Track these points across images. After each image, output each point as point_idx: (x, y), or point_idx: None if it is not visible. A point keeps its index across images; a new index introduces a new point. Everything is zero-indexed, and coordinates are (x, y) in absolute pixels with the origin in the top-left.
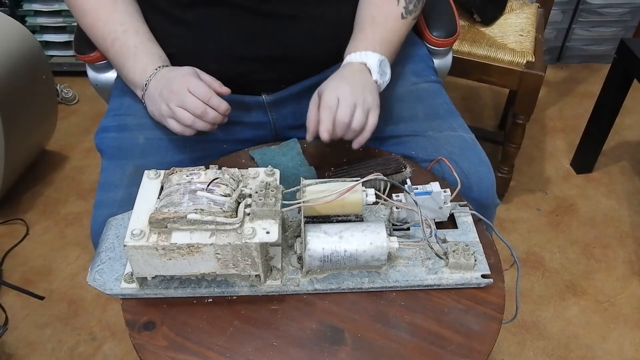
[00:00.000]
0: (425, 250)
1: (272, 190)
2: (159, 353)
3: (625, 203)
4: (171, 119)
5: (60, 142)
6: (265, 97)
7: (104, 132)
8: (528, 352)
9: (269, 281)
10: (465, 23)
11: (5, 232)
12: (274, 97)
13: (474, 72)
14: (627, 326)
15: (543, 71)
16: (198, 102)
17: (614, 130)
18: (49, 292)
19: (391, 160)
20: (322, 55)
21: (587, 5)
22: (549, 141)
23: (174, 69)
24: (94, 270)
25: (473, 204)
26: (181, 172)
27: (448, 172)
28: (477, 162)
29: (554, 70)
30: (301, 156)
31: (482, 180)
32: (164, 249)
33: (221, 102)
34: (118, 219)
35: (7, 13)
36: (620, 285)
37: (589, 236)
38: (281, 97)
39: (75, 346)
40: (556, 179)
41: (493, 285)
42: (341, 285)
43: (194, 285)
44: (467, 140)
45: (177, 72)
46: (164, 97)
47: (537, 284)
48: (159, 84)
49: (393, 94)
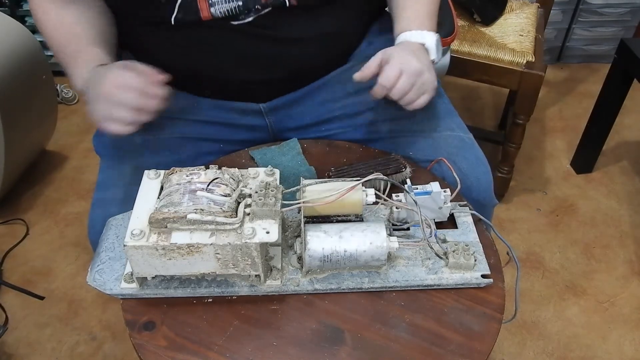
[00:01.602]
0: (425, 250)
1: (272, 190)
2: (159, 353)
3: (625, 203)
4: (110, 121)
5: (60, 142)
6: (262, 106)
7: (101, 134)
8: (528, 352)
9: (269, 281)
10: (465, 23)
11: (5, 232)
12: (271, 105)
13: (474, 72)
14: (627, 326)
15: (543, 71)
16: (133, 97)
17: (614, 130)
18: (49, 292)
19: (391, 160)
20: (322, 69)
21: (587, 5)
22: (549, 141)
23: (104, 68)
24: (94, 270)
25: (471, 203)
26: (181, 172)
27: (447, 172)
28: (475, 162)
29: (554, 70)
30: (301, 156)
31: (480, 180)
32: (164, 249)
33: (159, 89)
34: (118, 219)
35: (7, 13)
36: (620, 285)
37: (589, 236)
38: (277, 105)
39: (75, 346)
40: (556, 179)
41: (493, 285)
42: (341, 285)
43: (194, 285)
44: (465, 140)
45: (107, 70)
46: (98, 98)
47: (537, 284)
48: (92, 85)
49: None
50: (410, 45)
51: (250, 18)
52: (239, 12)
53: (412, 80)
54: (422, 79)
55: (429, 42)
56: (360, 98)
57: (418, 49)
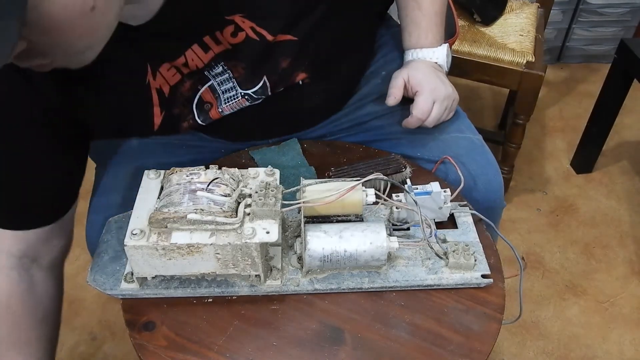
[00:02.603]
0: (425, 250)
1: (272, 190)
2: (159, 353)
3: (625, 203)
4: None
5: None
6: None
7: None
8: (528, 352)
9: (269, 281)
10: (465, 23)
11: None
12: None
13: (474, 72)
14: (627, 326)
15: (543, 71)
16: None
17: (614, 130)
18: None
19: (391, 160)
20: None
21: (587, 5)
22: (549, 141)
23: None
24: (94, 270)
25: (479, 206)
26: (181, 172)
27: (452, 172)
28: (485, 164)
29: (554, 70)
30: (301, 156)
31: (490, 182)
32: (164, 249)
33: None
34: (118, 219)
35: None
36: (620, 285)
37: (589, 236)
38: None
39: (75, 346)
40: (556, 178)
41: (493, 285)
42: (341, 285)
43: (194, 285)
44: (475, 142)
45: None
46: None
47: (537, 284)
48: None
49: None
50: (428, 65)
51: (259, 100)
52: (250, 102)
53: (444, 105)
54: (450, 102)
55: (441, 59)
56: (367, 109)
57: (438, 69)
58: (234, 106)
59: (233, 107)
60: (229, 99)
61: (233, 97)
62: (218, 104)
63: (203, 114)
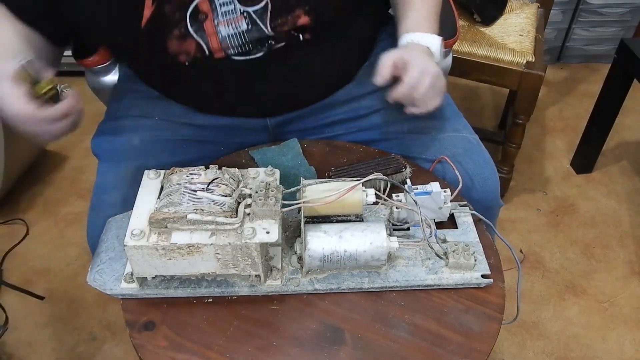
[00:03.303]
0: (425, 250)
1: (272, 190)
2: (159, 353)
3: (625, 203)
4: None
5: (60, 142)
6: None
7: (99, 135)
8: (528, 352)
9: (269, 281)
10: (465, 23)
11: (5, 232)
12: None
13: (474, 72)
14: (627, 326)
15: (543, 71)
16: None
17: (614, 130)
18: (49, 292)
19: (391, 160)
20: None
21: (587, 5)
22: (549, 141)
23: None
24: (94, 270)
25: (477, 205)
26: (181, 172)
27: (449, 172)
28: (482, 163)
29: (554, 70)
30: (301, 156)
31: (487, 181)
32: (164, 249)
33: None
34: (118, 219)
35: None
36: (620, 285)
37: (589, 236)
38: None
39: (75, 346)
40: (556, 179)
41: (493, 285)
42: (341, 285)
43: (194, 285)
44: (472, 141)
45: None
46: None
47: (537, 284)
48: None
49: None
50: (420, 48)
51: (260, 53)
52: (251, 47)
53: (432, 81)
54: (439, 82)
55: (434, 47)
56: (366, 102)
57: (429, 53)
58: (230, 22)
59: (229, 23)
60: (226, 13)
61: (231, 12)
62: (214, 16)
63: (197, 24)
